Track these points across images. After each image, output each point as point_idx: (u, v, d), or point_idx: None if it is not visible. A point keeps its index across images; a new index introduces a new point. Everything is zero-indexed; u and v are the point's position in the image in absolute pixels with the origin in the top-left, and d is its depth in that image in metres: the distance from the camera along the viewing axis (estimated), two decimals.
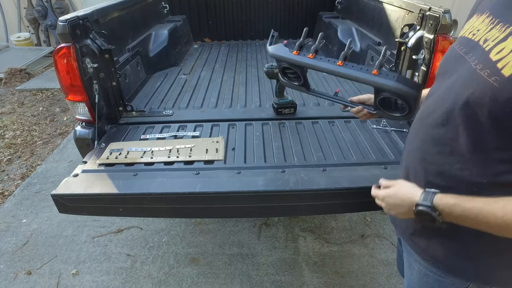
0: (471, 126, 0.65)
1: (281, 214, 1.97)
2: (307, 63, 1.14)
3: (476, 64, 0.64)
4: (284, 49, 1.19)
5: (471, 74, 0.64)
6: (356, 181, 1.24)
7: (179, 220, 2.23)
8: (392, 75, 0.97)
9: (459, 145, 0.68)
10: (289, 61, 1.18)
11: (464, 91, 0.65)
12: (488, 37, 0.65)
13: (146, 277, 1.85)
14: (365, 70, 1.03)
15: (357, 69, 1.04)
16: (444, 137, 0.71)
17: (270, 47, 1.21)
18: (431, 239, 0.81)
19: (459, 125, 0.67)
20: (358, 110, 1.13)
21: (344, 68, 1.05)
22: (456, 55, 0.74)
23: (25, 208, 2.36)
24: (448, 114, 0.69)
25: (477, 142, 0.65)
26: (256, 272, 1.87)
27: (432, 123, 0.74)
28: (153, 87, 2.26)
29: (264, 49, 3.22)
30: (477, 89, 0.62)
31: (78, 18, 1.49)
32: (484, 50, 0.64)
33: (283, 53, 1.18)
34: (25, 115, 3.75)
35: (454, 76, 0.71)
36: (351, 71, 1.04)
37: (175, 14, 3.31)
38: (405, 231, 0.89)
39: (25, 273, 1.88)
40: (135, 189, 1.23)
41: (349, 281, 1.82)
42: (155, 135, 1.63)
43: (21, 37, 5.35)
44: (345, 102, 1.19)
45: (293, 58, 1.16)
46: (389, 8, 2.11)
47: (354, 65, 1.05)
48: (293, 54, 1.15)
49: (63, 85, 1.53)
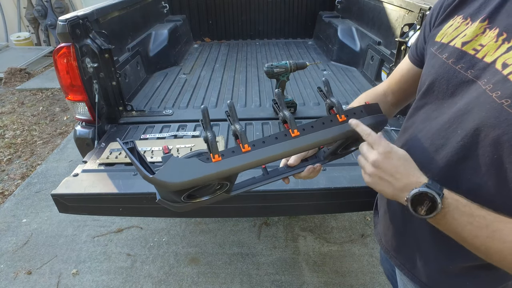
0: (496, 172, 0.54)
1: (281, 214, 1.97)
2: (243, 165, 0.65)
3: (503, 98, 0.52)
4: (192, 164, 0.62)
5: (496, 111, 0.53)
6: (356, 181, 1.24)
7: (179, 220, 2.23)
8: (357, 111, 0.72)
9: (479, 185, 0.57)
10: (213, 178, 0.63)
11: (490, 130, 0.53)
12: (508, 61, 0.53)
13: (146, 277, 1.85)
14: (330, 122, 0.70)
15: (320, 127, 0.69)
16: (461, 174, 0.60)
17: (159, 174, 0.60)
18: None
19: (482, 166, 0.56)
20: (309, 172, 0.79)
21: (304, 137, 0.68)
22: (456, 74, 0.62)
23: (25, 208, 2.36)
24: (465, 151, 0.58)
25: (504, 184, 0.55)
26: (256, 272, 1.87)
27: (442, 158, 0.62)
28: (153, 86, 2.26)
29: (264, 49, 3.22)
30: (508, 131, 0.51)
31: (78, 17, 1.48)
32: (507, 79, 0.52)
33: (197, 173, 0.61)
34: (25, 114, 3.75)
35: (462, 104, 0.60)
36: (314, 137, 0.68)
37: (175, 13, 3.31)
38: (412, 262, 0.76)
39: (25, 272, 1.88)
40: (135, 188, 1.23)
41: (349, 281, 1.82)
42: (155, 135, 1.63)
43: (21, 36, 5.35)
44: (284, 174, 0.80)
45: (219, 169, 0.62)
46: (389, 8, 2.11)
47: (314, 124, 0.69)
48: (213, 162, 0.63)
49: (63, 84, 1.53)
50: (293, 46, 3.32)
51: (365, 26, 2.60)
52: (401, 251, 0.81)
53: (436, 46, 0.69)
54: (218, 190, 0.71)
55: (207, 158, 0.63)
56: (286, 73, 1.73)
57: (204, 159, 0.63)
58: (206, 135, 0.65)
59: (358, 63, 2.54)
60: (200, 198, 0.71)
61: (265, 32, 3.55)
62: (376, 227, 0.92)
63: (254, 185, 0.80)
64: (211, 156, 0.63)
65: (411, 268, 0.78)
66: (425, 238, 0.72)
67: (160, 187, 0.61)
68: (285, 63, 1.72)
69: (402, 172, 0.59)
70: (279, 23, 3.52)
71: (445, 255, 0.69)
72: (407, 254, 0.79)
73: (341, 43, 2.72)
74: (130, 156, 0.61)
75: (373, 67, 2.21)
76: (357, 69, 2.55)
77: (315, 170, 0.80)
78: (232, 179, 0.70)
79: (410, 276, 0.78)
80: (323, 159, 0.84)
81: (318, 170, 0.81)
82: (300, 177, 0.82)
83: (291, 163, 0.81)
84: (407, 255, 0.79)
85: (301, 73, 2.48)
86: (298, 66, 1.74)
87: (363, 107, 0.72)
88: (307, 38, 3.58)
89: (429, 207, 0.56)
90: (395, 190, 0.60)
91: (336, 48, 2.78)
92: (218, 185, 0.70)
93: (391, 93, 0.89)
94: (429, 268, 0.73)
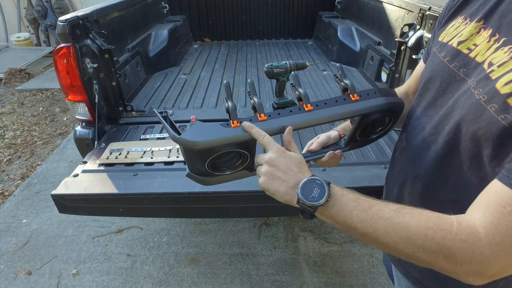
0: (477, 166, 0.56)
1: (281, 214, 1.97)
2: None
3: (481, 94, 0.54)
4: (213, 128, 0.68)
5: (475, 106, 0.54)
6: (356, 181, 1.24)
7: (179, 220, 2.23)
8: (371, 92, 0.76)
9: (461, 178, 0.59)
10: (233, 140, 0.69)
11: (469, 125, 0.55)
12: (494, 61, 0.54)
13: (146, 277, 1.85)
14: (343, 100, 0.74)
15: (333, 105, 0.74)
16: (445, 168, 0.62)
17: (185, 135, 0.67)
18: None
19: (465, 161, 0.57)
20: (330, 157, 0.82)
21: (316, 111, 0.73)
22: (450, 72, 0.63)
23: (25, 208, 2.36)
24: (450, 146, 0.60)
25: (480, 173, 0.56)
26: (256, 272, 1.87)
27: (431, 154, 0.64)
28: (153, 87, 2.26)
29: (264, 49, 3.22)
30: (482, 126, 0.52)
31: (78, 18, 1.49)
32: (489, 77, 0.53)
33: (218, 134, 0.68)
34: (25, 115, 3.75)
35: (451, 101, 0.62)
36: (327, 112, 0.73)
37: (175, 14, 3.32)
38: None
39: (25, 273, 1.88)
40: (135, 189, 1.23)
41: (349, 281, 1.82)
42: (155, 135, 1.63)
43: (21, 37, 5.36)
44: (306, 158, 0.82)
45: (238, 133, 0.68)
46: (389, 8, 2.11)
47: (327, 101, 0.74)
48: (232, 127, 0.69)
49: (63, 85, 1.53)
50: (293, 47, 3.32)
51: (365, 26, 2.60)
52: None
53: (437, 46, 0.70)
54: (240, 165, 0.75)
55: (227, 124, 0.69)
56: (286, 74, 1.73)
57: (225, 124, 0.69)
58: (228, 105, 0.74)
59: (358, 63, 2.54)
60: (223, 172, 0.75)
61: (265, 32, 3.55)
62: None
63: None
64: (230, 122, 0.69)
65: (404, 263, 0.78)
66: None
67: (184, 146, 0.68)
68: (285, 63, 1.72)
69: (295, 170, 0.61)
70: (279, 23, 3.52)
71: None
72: None
73: (341, 43, 2.73)
74: (162, 120, 0.70)
75: (373, 67, 2.21)
76: (357, 69, 2.55)
77: (336, 156, 0.83)
78: (251, 151, 0.73)
79: (403, 271, 0.79)
80: (344, 146, 0.87)
81: (339, 157, 0.84)
82: (321, 163, 0.84)
83: (313, 148, 0.84)
84: None
85: (301, 73, 2.48)
86: (298, 66, 1.74)
87: (377, 89, 0.76)
88: (307, 38, 3.58)
89: (318, 195, 0.57)
90: (288, 188, 0.61)
91: (336, 48, 2.78)
92: (239, 159, 0.74)
93: (412, 93, 0.91)
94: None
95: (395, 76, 1.80)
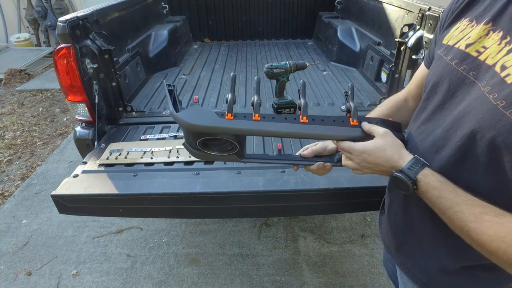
0: (495, 170, 0.55)
1: (281, 214, 1.97)
2: (249, 129, 0.73)
3: (498, 99, 0.53)
4: (208, 114, 0.73)
5: (492, 112, 0.53)
6: (356, 181, 1.24)
7: (179, 221, 2.23)
8: (373, 121, 0.74)
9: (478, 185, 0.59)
10: (221, 130, 0.73)
11: (486, 131, 0.54)
12: (507, 64, 0.54)
13: (146, 278, 1.85)
14: (341, 122, 0.73)
15: (330, 123, 0.72)
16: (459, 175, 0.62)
17: (181, 114, 0.73)
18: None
19: (480, 166, 0.57)
20: (319, 167, 0.83)
21: (310, 126, 0.72)
22: (459, 75, 0.62)
23: (25, 209, 2.36)
24: (463, 152, 0.59)
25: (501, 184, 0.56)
26: (256, 272, 1.87)
27: (442, 158, 0.64)
28: (153, 87, 2.26)
29: (264, 50, 3.22)
30: (502, 132, 0.52)
31: (78, 18, 1.49)
32: (504, 81, 0.53)
33: (209, 122, 0.72)
34: (25, 115, 3.75)
35: (462, 105, 0.60)
36: (320, 129, 0.72)
37: (175, 14, 3.32)
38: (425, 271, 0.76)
39: (25, 273, 1.87)
40: (135, 189, 1.23)
41: (350, 281, 1.82)
42: (155, 136, 1.63)
43: (21, 37, 5.36)
44: (295, 161, 0.86)
45: (228, 126, 0.72)
46: (389, 8, 2.11)
47: (325, 118, 0.73)
48: (225, 119, 0.72)
49: (63, 85, 1.53)
50: (293, 47, 3.32)
51: (365, 27, 2.60)
52: (401, 250, 0.81)
53: (442, 48, 0.70)
54: (230, 151, 0.80)
55: (222, 114, 0.73)
56: (286, 74, 1.73)
57: (220, 114, 0.73)
58: (228, 96, 0.76)
59: (358, 63, 2.55)
60: (211, 151, 0.81)
61: (265, 32, 3.55)
62: (381, 226, 0.93)
63: (266, 160, 0.87)
64: (225, 114, 0.72)
65: (411, 267, 0.78)
66: (426, 238, 0.72)
67: (179, 123, 0.73)
68: (285, 63, 1.72)
69: (382, 163, 0.67)
70: (279, 23, 3.52)
71: (445, 255, 0.69)
72: (407, 253, 0.79)
73: (341, 44, 2.72)
74: (167, 95, 0.77)
75: (373, 67, 2.21)
76: (357, 69, 2.55)
77: (325, 168, 0.84)
78: (241, 142, 0.78)
79: (410, 275, 0.78)
80: (336, 161, 0.86)
81: (327, 169, 0.85)
82: (310, 170, 0.86)
83: (305, 154, 0.86)
84: (408, 254, 0.79)
85: (301, 73, 2.48)
86: (298, 67, 1.74)
87: (380, 120, 0.74)
88: (307, 39, 3.58)
89: (404, 187, 0.64)
90: (379, 173, 0.70)
91: (336, 49, 2.78)
92: (230, 146, 0.79)
93: (412, 99, 0.90)
94: (429, 268, 0.73)
95: (395, 76, 1.80)
